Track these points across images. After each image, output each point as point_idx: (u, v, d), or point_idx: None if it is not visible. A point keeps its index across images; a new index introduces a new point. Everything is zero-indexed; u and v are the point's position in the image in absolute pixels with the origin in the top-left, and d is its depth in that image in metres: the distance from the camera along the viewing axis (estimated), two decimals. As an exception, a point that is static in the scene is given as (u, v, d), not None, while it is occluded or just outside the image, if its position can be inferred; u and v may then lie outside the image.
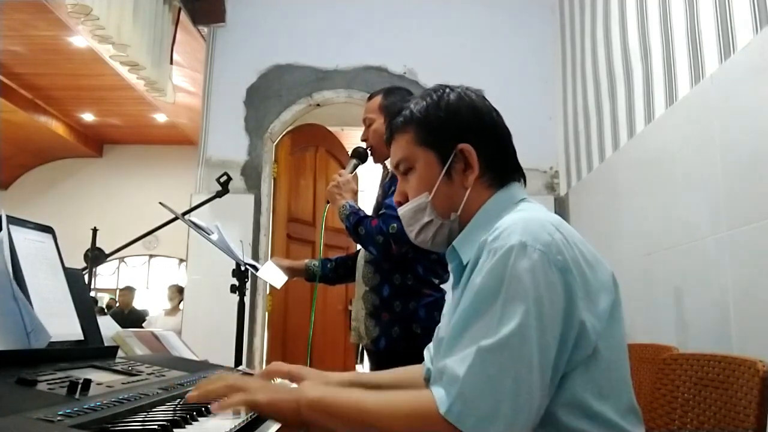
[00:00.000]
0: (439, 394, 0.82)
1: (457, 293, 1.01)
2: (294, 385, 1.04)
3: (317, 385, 0.95)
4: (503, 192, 1.02)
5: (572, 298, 0.84)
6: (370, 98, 2.02)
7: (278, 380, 1.11)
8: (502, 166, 1.03)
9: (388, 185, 1.91)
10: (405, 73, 3.80)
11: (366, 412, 0.85)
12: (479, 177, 1.01)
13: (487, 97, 1.07)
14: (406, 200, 1.06)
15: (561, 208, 3.57)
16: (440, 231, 1.04)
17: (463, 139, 1.00)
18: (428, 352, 1.16)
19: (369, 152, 2.01)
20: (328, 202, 1.95)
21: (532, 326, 0.80)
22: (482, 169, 1.01)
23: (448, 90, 1.05)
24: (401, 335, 1.80)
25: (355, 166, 2.02)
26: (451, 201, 1.02)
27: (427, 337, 1.79)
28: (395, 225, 1.72)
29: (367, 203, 2.15)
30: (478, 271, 0.88)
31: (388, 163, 1.97)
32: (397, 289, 1.82)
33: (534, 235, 0.85)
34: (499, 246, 0.86)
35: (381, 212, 1.81)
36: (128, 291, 7.15)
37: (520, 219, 0.90)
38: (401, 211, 1.07)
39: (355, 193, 1.95)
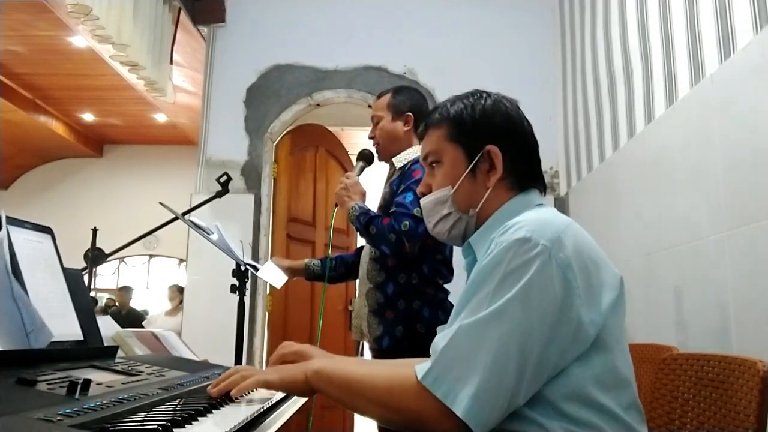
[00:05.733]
0: (421, 366, 0.88)
1: None
2: None
3: (322, 358, 1.03)
4: (522, 196, 1.06)
5: (569, 294, 0.86)
6: (379, 96, 2.03)
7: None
8: (524, 172, 1.08)
9: (396, 182, 1.90)
10: (405, 73, 3.80)
11: (354, 381, 0.93)
12: (501, 179, 1.05)
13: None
14: (430, 192, 1.11)
15: (561, 208, 3.56)
16: (457, 224, 1.08)
17: (491, 141, 1.05)
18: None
19: (375, 153, 2.02)
20: (336, 206, 1.95)
21: (515, 312, 0.84)
22: (505, 171, 1.05)
23: (485, 95, 1.11)
24: (405, 334, 1.80)
25: (362, 169, 2.02)
26: (472, 198, 1.06)
27: (431, 337, 1.79)
28: (407, 222, 1.72)
29: (368, 203, 2.14)
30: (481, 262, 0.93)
31: (394, 160, 1.96)
32: (402, 287, 1.82)
33: (540, 231, 0.89)
34: (506, 239, 0.90)
35: (392, 210, 1.80)
36: (125, 291, 7.15)
37: (531, 218, 0.95)
38: (423, 201, 1.12)
39: (364, 194, 1.95)
